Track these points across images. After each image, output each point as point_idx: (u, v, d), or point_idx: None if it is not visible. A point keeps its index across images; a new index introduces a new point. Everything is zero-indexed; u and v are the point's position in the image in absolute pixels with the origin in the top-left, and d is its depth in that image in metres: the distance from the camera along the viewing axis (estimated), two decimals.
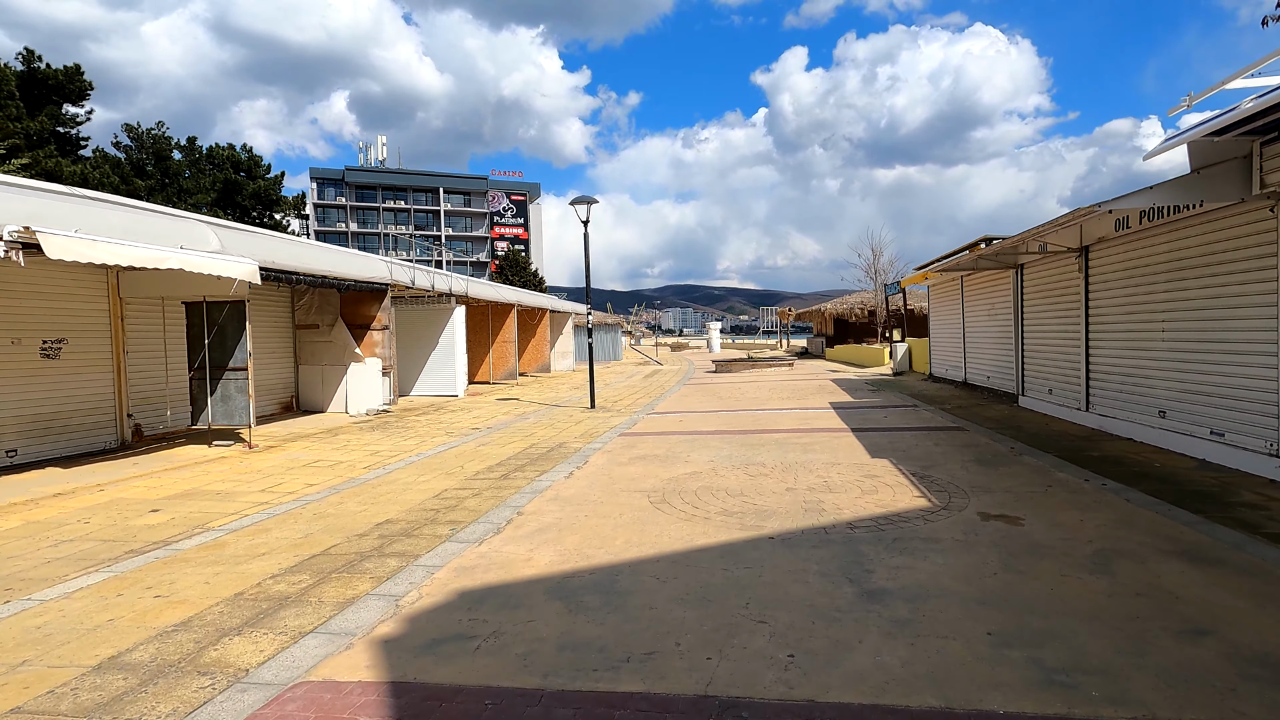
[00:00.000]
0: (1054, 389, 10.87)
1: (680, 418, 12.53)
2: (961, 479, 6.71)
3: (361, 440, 10.87)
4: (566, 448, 9.59)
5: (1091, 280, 9.54)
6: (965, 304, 15.39)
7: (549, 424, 12.25)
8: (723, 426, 11.11)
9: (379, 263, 14.23)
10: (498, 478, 7.66)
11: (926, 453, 8.19)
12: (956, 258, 12.94)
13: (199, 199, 52.30)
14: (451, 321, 18.15)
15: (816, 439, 9.49)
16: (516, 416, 13.64)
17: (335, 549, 5.17)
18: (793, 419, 11.72)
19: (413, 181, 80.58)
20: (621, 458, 8.62)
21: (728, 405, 14.31)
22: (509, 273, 65.37)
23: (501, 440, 10.51)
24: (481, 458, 8.99)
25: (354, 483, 7.66)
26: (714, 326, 55.89)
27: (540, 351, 26.89)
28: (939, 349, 17.98)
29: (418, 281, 15.71)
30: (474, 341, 23.31)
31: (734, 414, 12.78)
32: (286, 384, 14.50)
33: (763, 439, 9.67)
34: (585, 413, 13.93)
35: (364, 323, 14.36)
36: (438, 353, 18.25)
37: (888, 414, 11.90)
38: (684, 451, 8.86)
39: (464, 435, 11.16)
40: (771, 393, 16.79)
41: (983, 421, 10.64)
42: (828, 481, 6.76)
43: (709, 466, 7.79)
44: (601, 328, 40.67)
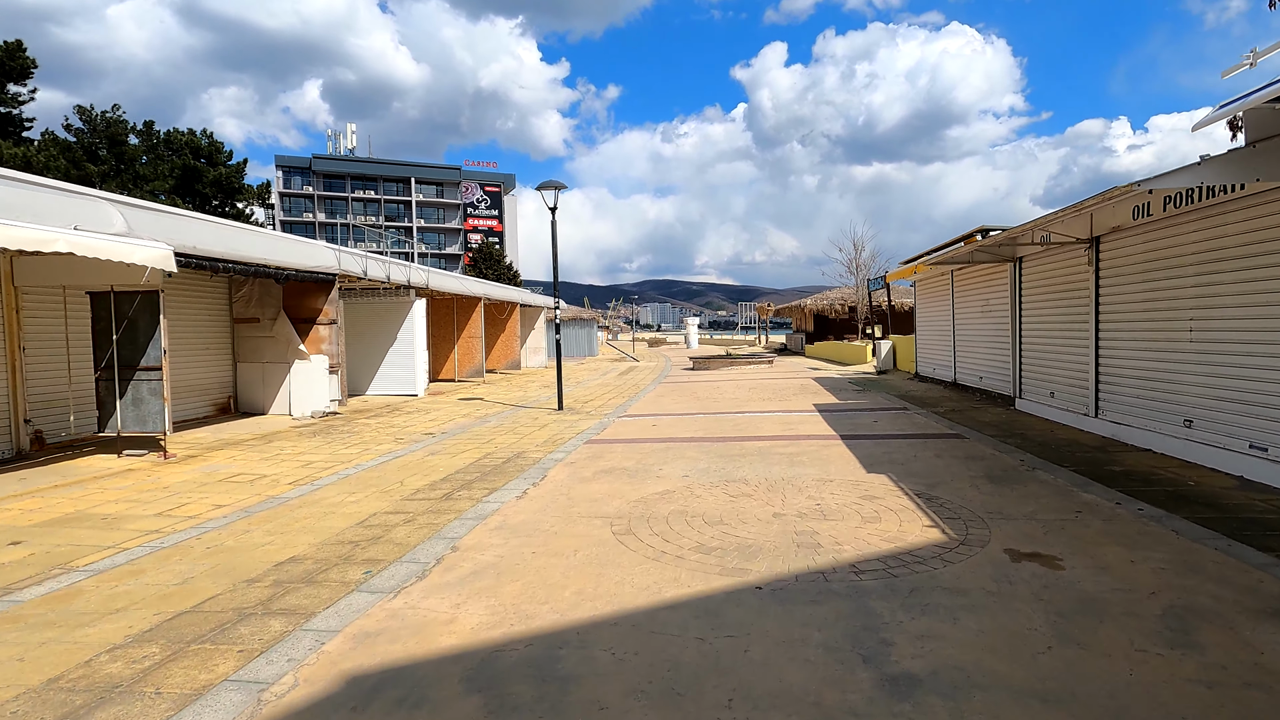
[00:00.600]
0: (1057, 392, 10.07)
1: (654, 422, 11.55)
2: (974, 501, 5.81)
3: (297, 448, 9.72)
4: (525, 458, 8.55)
5: (1103, 274, 8.72)
6: (956, 300, 14.60)
7: (510, 428, 11.19)
8: (700, 433, 10.14)
9: (325, 251, 13.02)
10: (439, 497, 6.60)
11: (928, 466, 7.29)
12: (950, 250, 12.11)
13: (156, 186, 50.15)
14: (411, 316, 16.96)
15: (803, 448, 8.56)
16: (477, 419, 12.56)
17: (212, 602, 4.09)
18: (775, 424, 10.80)
19: (383, 171, 78.35)
20: (585, 471, 7.61)
21: (705, 407, 13.36)
22: (482, 265, 63.84)
23: (454, 448, 9.44)
24: (427, 471, 7.92)
25: (271, 503, 6.55)
26: (692, 322, 55.07)
27: (510, 347, 25.74)
28: (926, 347, 17.21)
29: (371, 272, 14.51)
30: (439, 337, 22.10)
31: (712, 418, 11.83)
32: (223, 383, 13.23)
33: (744, 448, 8.72)
34: (552, 415, 12.89)
35: (309, 316, 13.15)
36: (396, 349, 17.05)
37: (878, 418, 11.03)
38: (656, 463, 7.87)
39: (415, 442, 10.06)
40: (752, 393, 15.88)
41: (981, 427, 9.81)
42: (821, 505, 5.81)
43: (684, 483, 6.81)
44: (576, 323, 39.59)
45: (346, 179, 77.27)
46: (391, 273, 15.49)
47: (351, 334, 17.39)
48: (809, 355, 32.91)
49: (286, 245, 12.09)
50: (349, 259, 13.65)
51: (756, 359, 25.66)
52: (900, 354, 20.27)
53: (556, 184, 13.43)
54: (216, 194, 56.56)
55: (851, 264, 33.72)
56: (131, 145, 54.06)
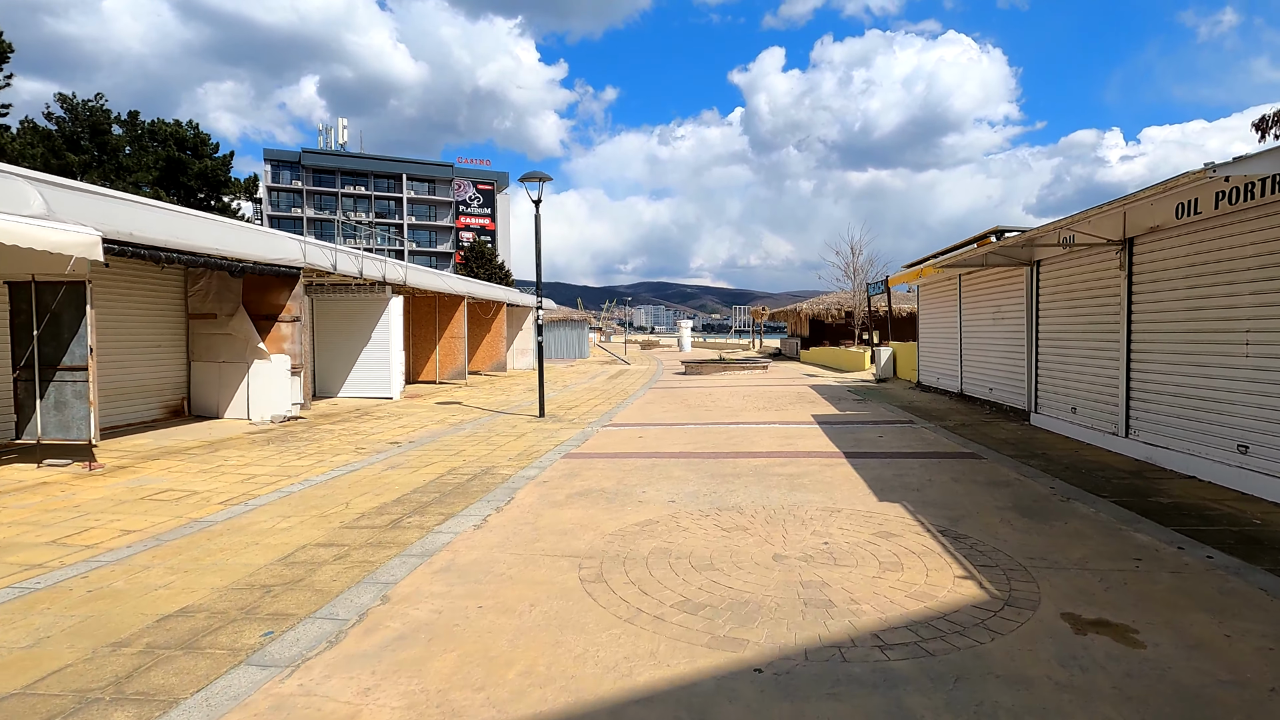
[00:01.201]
0: (1079, 408, 9.24)
1: (640, 432, 10.65)
2: (1009, 541, 4.94)
3: (245, 459, 8.78)
4: (494, 474, 7.64)
5: (1138, 279, 7.89)
6: (964, 306, 13.77)
7: (484, 438, 10.27)
8: (690, 446, 9.25)
9: (288, 242, 12.07)
10: (385, 525, 5.68)
11: (947, 494, 6.42)
12: (961, 253, 11.28)
13: (139, 178, 48.99)
14: (386, 314, 16.01)
15: (805, 468, 7.68)
16: (450, 427, 11.63)
17: (52, 680, 3.17)
18: (772, 437, 9.92)
19: (374, 167, 77.12)
20: (558, 493, 6.70)
21: (697, 416, 12.47)
22: (474, 264, 62.85)
23: (418, 461, 8.52)
24: (380, 489, 7.00)
25: (190, 529, 5.62)
26: (685, 325, 54.19)
27: (495, 348, 24.80)
28: (929, 355, 16.39)
29: (341, 266, 13.56)
30: (419, 337, 21.16)
31: (703, 429, 10.94)
32: (175, 384, 12.25)
33: (738, 466, 7.84)
34: (531, 423, 11.98)
35: (271, 313, 12.19)
36: (370, 349, 16.10)
37: (883, 433, 10.17)
38: (639, 484, 6.97)
39: (376, 453, 9.14)
40: (746, 401, 15.02)
41: (997, 445, 8.96)
42: (830, 544, 4.92)
43: (669, 511, 5.91)
44: (566, 324, 38.69)
45: (337, 174, 76.01)
46: (365, 268, 14.54)
47: (322, 333, 16.43)
48: (804, 361, 32.10)
49: (243, 235, 11.13)
50: (316, 252, 12.70)
51: (750, 364, 24.82)
52: (901, 362, 19.45)
53: (540, 175, 12.55)
54: (202, 187, 55.39)
55: (848, 268, 32.96)
56: (115, 135, 52.83)
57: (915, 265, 15.35)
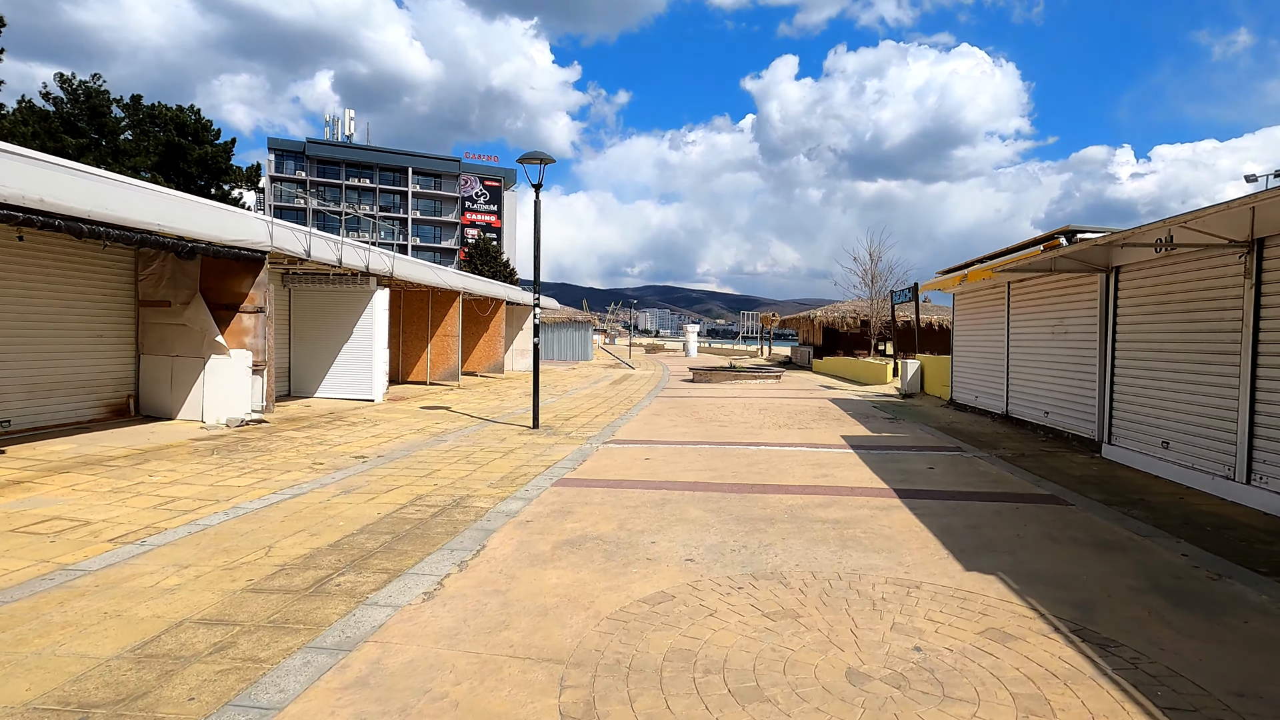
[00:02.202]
0: (1174, 442, 7.72)
1: (646, 453, 9.17)
2: (1185, 657, 3.43)
3: (174, 474, 7.33)
4: (468, 507, 6.18)
5: (1269, 286, 6.38)
6: (1013, 316, 12.25)
7: (465, 454, 8.81)
8: (706, 474, 7.77)
9: (252, 222, 10.61)
10: (305, 589, 4.21)
11: (1051, 561, 4.91)
12: (1021, 256, 9.77)
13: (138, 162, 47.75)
14: (370, 308, 14.58)
15: (851, 511, 6.18)
16: (431, 438, 10.18)
17: None
18: (802, 464, 8.43)
19: (380, 159, 75.73)
20: (543, 540, 5.22)
21: (710, 434, 10.98)
22: (478, 261, 61.50)
23: (380, 484, 7.05)
24: (320, 525, 5.53)
25: (41, 585, 4.17)
26: (691, 330, 52.71)
27: (493, 348, 23.36)
28: (966, 370, 14.87)
29: (316, 253, 12.11)
30: (410, 334, 19.73)
31: (720, 450, 9.45)
32: (120, 379, 10.81)
33: (768, 506, 6.34)
34: (523, 436, 10.51)
35: (232, 302, 10.74)
36: (351, 346, 14.66)
37: (932, 463, 8.67)
38: (647, 529, 5.49)
39: (335, 470, 7.68)
40: (763, 416, 13.52)
41: (1076, 485, 7.44)
42: (923, 652, 3.43)
43: (687, 578, 4.43)
44: (570, 325, 37.29)
45: (341, 166, 74.63)
46: (345, 255, 13.09)
47: (299, 327, 15.00)
48: (817, 371, 30.58)
49: (195, 210, 9.65)
50: (285, 235, 11.25)
51: (762, 373, 23.32)
52: (930, 376, 17.91)
53: (541, 156, 11.12)
54: (202, 174, 54.18)
55: (866, 275, 31.42)
56: (114, 118, 51.76)
57: (955, 271, 13.83)
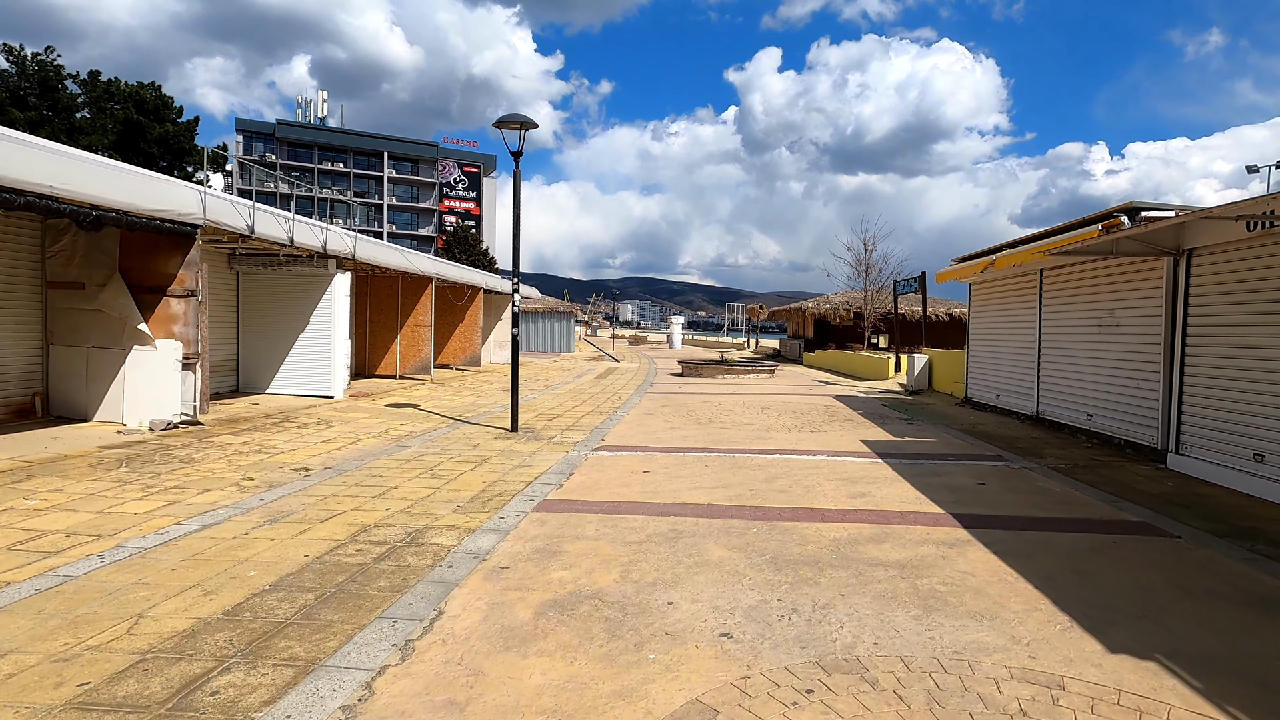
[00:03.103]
0: (1270, 455, 6.54)
1: (644, 463, 7.82)
2: None
3: (60, 496, 5.85)
4: (424, 546, 4.79)
5: None
6: (1047, 307, 11.06)
7: (430, 466, 7.40)
8: (721, 493, 6.44)
9: (181, 189, 9.02)
10: (156, 709, 2.80)
11: (1221, 640, 3.64)
12: (1076, 236, 8.54)
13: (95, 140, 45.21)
14: (329, 294, 13.04)
15: (916, 550, 4.89)
16: (393, 443, 8.75)
17: None
18: (830, 478, 7.13)
19: (354, 143, 73.00)
20: (521, 606, 3.86)
21: (714, 437, 9.66)
22: (456, 250, 59.52)
23: (318, 509, 5.63)
24: (222, 579, 4.11)
25: None
26: (676, 321, 51.41)
27: (470, 339, 21.84)
28: (984, 366, 13.70)
29: (262, 229, 10.54)
30: (378, 323, 18.17)
31: (729, 460, 8.14)
32: (23, 374, 9.21)
33: (807, 541, 5.03)
34: (500, 440, 9.11)
35: (158, 284, 9.19)
36: (307, 337, 13.12)
37: (981, 477, 7.42)
38: (660, 583, 4.14)
39: (267, 489, 6.25)
40: (766, 415, 12.24)
41: (1162, 506, 6.23)
42: None
43: (729, 676, 3.08)
44: (551, 315, 35.80)
45: (314, 149, 71.77)
46: (297, 233, 11.52)
47: (250, 315, 13.42)
48: (809, 365, 29.45)
49: (101, 172, 7.99)
50: (222, 206, 9.67)
51: (755, 367, 22.08)
52: (939, 372, 16.75)
53: (522, 120, 9.68)
54: (164, 154, 51.75)
55: (860, 265, 30.26)
56: (68, 93, 49.04)
57: (980, 256, 12.60)
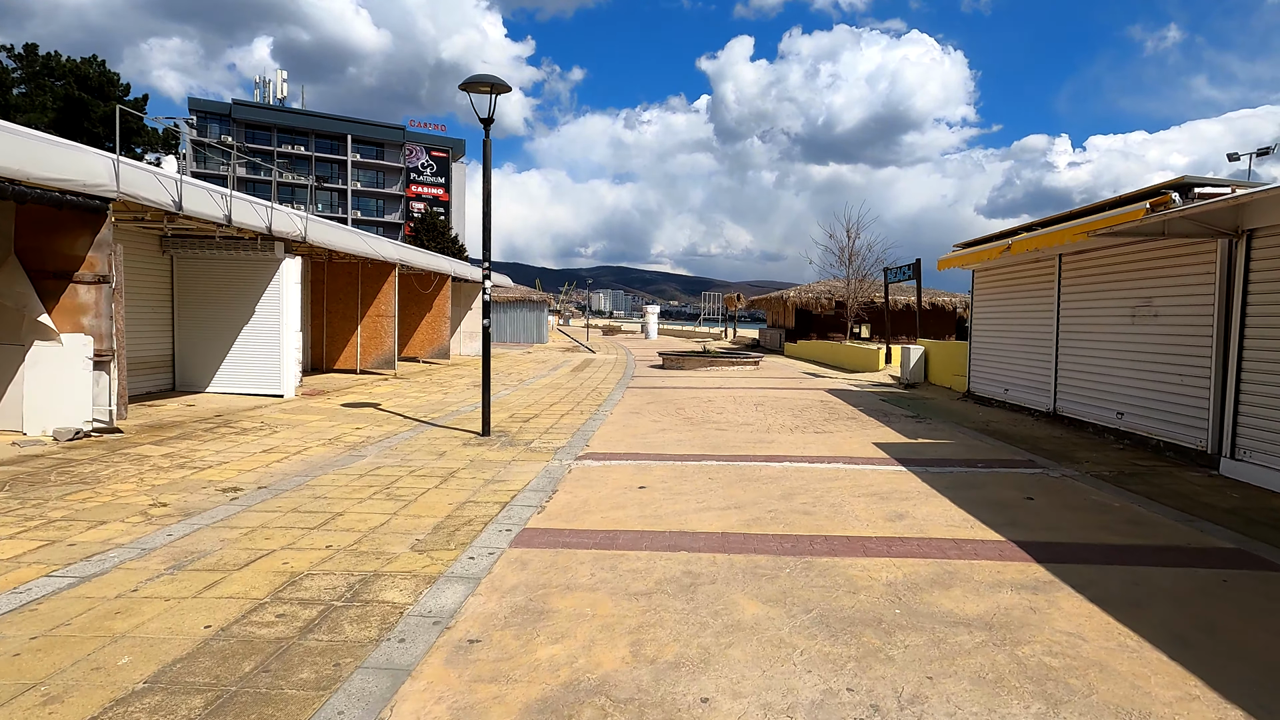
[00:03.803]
0: None
1: (639, 476, 6.76)
2: None
3: None
4: (368, 607, 3.67)
5: None
6: (1066, 295, 10.23)
7: (386, 483, 6.24)
8: (734, 517, 5.40)
9: (87, 156, 7.64)
10: None
11: None
12: (1119, 215, 7.64)
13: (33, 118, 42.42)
14: (277, 281, 11.70)
15: (995, 599, 3.90)
16: (345, 452, 7.56)
17: None
18: (854, 493, 6.15)
19: (316, 125, 70.14)
20: (497, 711, 2.77)
21: (710, 441, 8.64)
22: (425, 238, 57.62)
23: (237, 549, 4.45)
24: (78, 673, 2.94)
25: None
26: (652, 311, 50.33)
27: (437, 331, 20.52)
28: (990, 359, 12.90)
29: (192, 205, 9.17)
30: (337, 314, 16.78)
31: (734, 469, 7.11)
32: None
33: (856, 587, 4.02)
34: (469, 448, 7.97)
35: (63, 268, 7.83)
36: (252, 329, 11.77)
37: (1024, 489, 6.50)
38: (684, 664, 3.08)
39: (181, 518, 5.05)
40: (761, 412, 11.27)
41: (1253, 530, 5.37)
42: None
43: None
44: (524, 305, 34.48)
45: (273, 130, 68.76)
46: (236, 211, 10.15)
47: (186, 304, 12.02)
48: (792, 355, 28.64)
49: None
50: (140, 177, 8.30)
51: (739, 358, 21.16)
52: (935, 364, 15.95)
53: (493, 82, 8.49)
54: (109, 134, 49.01)
55: (843, 253, 29.50)
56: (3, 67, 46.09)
57: (990, 241, 11.72)
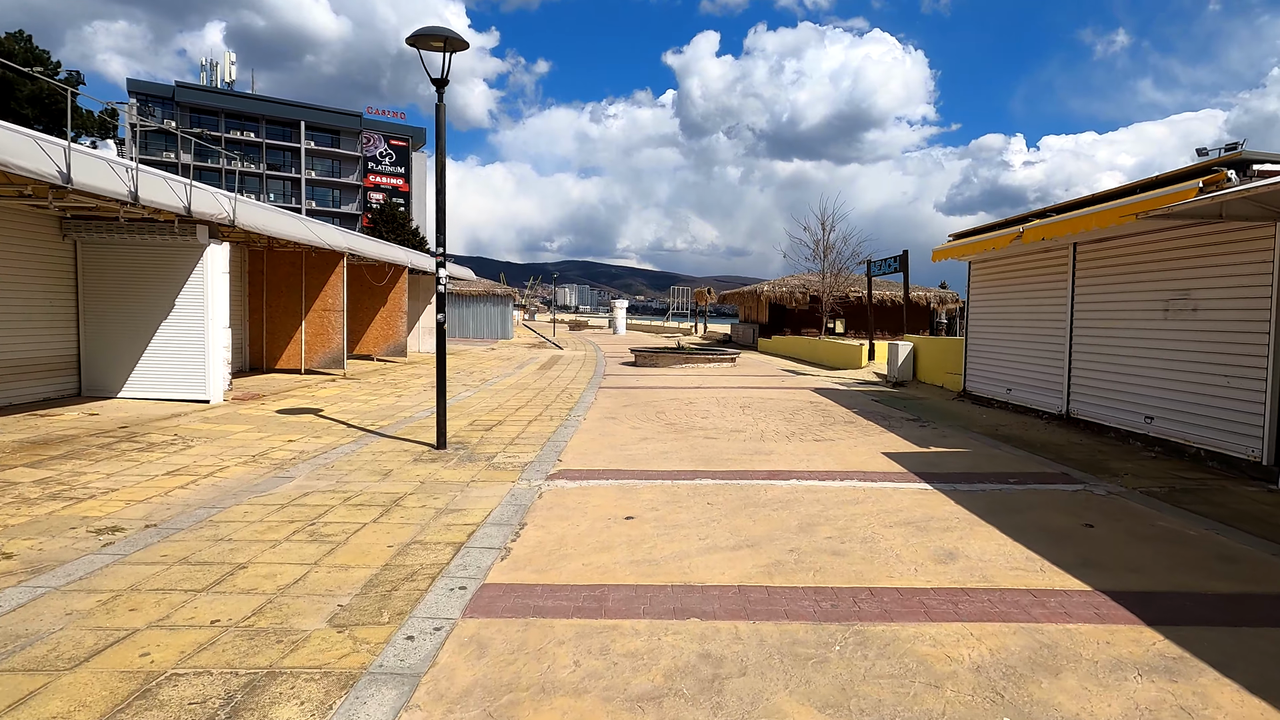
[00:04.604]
0: None
1: (624, 501, 5.62)
2: None
3: None
4: None
5: None
6: (1082, 287, 9.40)
7: (310, 519, 4.98)
8: (749, 563, 4.31)
9: None
10: None
11: None
12: (1167, 194, 6.76)
13: None
14: (201, 270, 10.23)
15: (1122, 689, 2.86)
16: (267, 473, 6.25)
17: None
18: (886, 522, 5.12)
19: (267, 110, 66.90)
20: None
21: (699, 452, 7.55)
22: (384, 229, 55.41)
23: (80, 638, 3.17)
24: None
25: None
26: (620, 305, 49.12)
27: (393, 326, 19.06)
28: (989, 356, 12.08)
29: (85, 177, 7.68)
30: (278, 308, 15.25)
31: (735, 490, 6.03)
32: None
33: (935, 675, 2.95)
34: (420, 464, 6.73)
35: None
36: (173, 324, 10.30)
37: (1079, 513, 5.55)
38: None
39: (26, 577, 3.75)
40: (750, 416, 10.23)
41: None
42: None
43: None
44: (488, 299, 33.02)
45: (220, 115, 65.37)
46: (143, 187, 8.66)
47: (92, 296, 10.48)
48: (766, 351, 27.81)
49: None
50: (12, 140, 6.83)
51: (715, 355, 20.17)
52: (925, 361, 15.14)
53: (446, 35, 7.24)
54: (39, 115, 45.84)
55: (818, 246, 28.70)
56: None
57: (998, 229, 10.83)
